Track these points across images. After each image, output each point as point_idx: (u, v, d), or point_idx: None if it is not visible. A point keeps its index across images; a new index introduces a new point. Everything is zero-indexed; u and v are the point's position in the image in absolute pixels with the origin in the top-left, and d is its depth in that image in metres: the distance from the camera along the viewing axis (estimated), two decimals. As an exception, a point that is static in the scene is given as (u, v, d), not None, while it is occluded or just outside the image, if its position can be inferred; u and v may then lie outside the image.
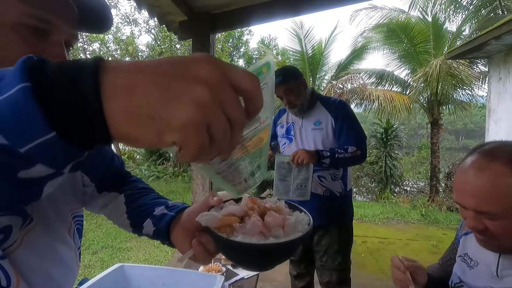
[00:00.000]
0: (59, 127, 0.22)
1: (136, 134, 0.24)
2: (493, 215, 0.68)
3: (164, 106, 0.23)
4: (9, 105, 0.21)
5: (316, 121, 1.80)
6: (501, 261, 0.76)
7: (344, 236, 1.83)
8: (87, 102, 0.22)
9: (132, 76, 0.23)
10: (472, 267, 0.82)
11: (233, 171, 0.38)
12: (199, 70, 0.24)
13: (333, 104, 1.81)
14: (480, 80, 6.96)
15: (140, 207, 0.63)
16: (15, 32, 0.43)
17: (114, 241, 4.39)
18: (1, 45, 0.42)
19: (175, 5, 2.29)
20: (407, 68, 8.23)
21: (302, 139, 1.83)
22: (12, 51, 0.42)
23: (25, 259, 0.50)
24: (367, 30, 8.45)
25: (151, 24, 9.60)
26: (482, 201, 0.68)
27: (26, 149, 0.22)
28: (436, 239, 4.47)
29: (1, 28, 0.42)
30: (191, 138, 0.24)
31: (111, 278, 1.05)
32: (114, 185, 0.68)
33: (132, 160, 12.28)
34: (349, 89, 8.13)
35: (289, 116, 1.93)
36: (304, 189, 1.71)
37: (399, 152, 8.19)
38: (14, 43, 0.43)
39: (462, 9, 7.14)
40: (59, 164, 0.25)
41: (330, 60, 9.64)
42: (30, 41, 0.44)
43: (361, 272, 3.05)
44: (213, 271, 1.58)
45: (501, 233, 0.69)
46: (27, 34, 0.44)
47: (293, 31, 8.94)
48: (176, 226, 0.57)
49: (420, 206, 6.43)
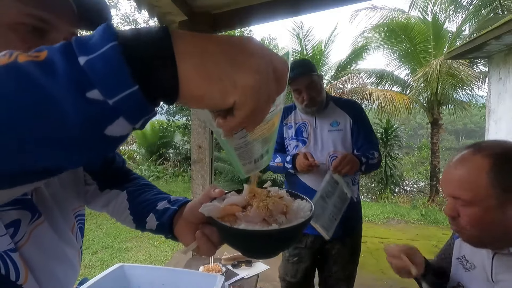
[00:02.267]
0: (140, 81, 0.25)
1: (205, 92, 0.28)
2: (465, 201, 0.72)
3: (233, 70, 0.28)
4: (103, 61, 0.24)
5: (333, 121, 1.65)
6: (494, 263, 0.75)
7: (357, 244, 1.75)
8: (164, 60, 0.26)
9: (200, 43, 0.28)
10: (468, 270, 0.82)
11: (248, 150, 0.40)
12: (255, 48, 0.30)
13: (349, 105, 1.69)
14: (480, 80, 6.96)
15: (143, 203, 0.64)
16: (14, 31, 0.43)
17: (114, 241, 4.39)
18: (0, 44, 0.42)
19: (175, 5, 2.29)
20: (407, 68, 8.23)
21: (318, 141, 1.65)
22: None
23: (32, 255, 0.50)
24: (367, 30, 8.45)
25: (151, 24, 9.60)
26: (457, 187, 0.73)
27: (114, 101, 0.25)
28: (436, 239, 4.47)
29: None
30: (250, 99, 0.29)
31: (111, 278, 1.05)
32: (115, 183, 0.69)
33: (132, 160, 12.27)
34: (349, 89, 8.13)
35: (297, 115, 1.73)
36: (331, 222, 1.47)
37: (399, 152, 8.19)
38: (13, 42, 0.43)
39: (462, 9, 7.14)
40: (135, 118, 0.27)
41: (330, 60, 9.66)
42: (29, 40, 0.44)
43: (361, 272, 3.04)
44: (213, 271, 1.58)
45: (469, 222, 0.72)
46: (26, 33, 0.44)
47: (293, 31, 8.95)
48: (179, 219, 0.57)
49: (420, 206, 6.43)
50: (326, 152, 1.63)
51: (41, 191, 0.56)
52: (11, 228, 0.48)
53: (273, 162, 1.69)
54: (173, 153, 11.29)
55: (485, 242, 0.74)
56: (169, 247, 4.10)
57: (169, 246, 4.12)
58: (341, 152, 1.59)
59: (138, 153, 12.23)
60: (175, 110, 11.45)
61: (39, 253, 0.52)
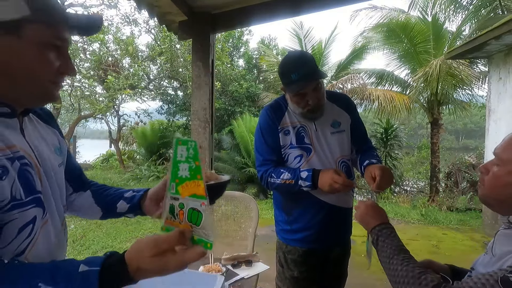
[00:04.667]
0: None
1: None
2: (500, 160, 0.74)
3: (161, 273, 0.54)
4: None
5: (334, 122, 1.43)
6: (496, 238, 0.77)
7: (349, 251, 1.61)
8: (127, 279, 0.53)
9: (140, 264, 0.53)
10: (485, 254, 0.82)
11: None
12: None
13: (344, 101, 1.51)
14: (480, 80, 6.95)
15: (109, 196, 0.88)
16: (45, 49, 0.60)
17: (114, 241, 4.39)
18: (31, 58, 0.58)
19: (175, 5, 2.29)
20: (407, 68, 8.22)
21: (324, 147, 1.40)
22: (39, 63, 0.60)
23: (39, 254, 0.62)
24: (367, 30, 8.43)
25: (151, 24, 9.58)
26: (504, 147, 0.75)
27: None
28: (436, 239, 4.47)
29: (34, 45, 0.58)
30: None
31: (111, 278, 1.05)
32: (79, 187, 0.88)
33: (132, 160, 12.27)
34: (349, 89, 8.13)
35: (291, 117, 1.43)
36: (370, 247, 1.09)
37: (399, 152, 8.18)
38: (41, 57, 0.60)
39: (462, 9, 7.13)
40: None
41: (330, 60, 9.66)
42: (51, 55, 0.61)
43: (361, 272, 3.05)
44: (213, 271, 1.58)
45: (491, 177, 0.75)
46: (50, 51, 0.61)
47: (293, 31, 8.95)
48: (145, 199, 0.83)
49: (420, 206, 6.43)
50: (334, 158, 1.41)
51: (45, 190, 0.65)
52: (30, 225, 0.59)
53: (278, 179, 1.37)
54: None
55: (491, 203, 0.78)
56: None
57: (169, 246, 4.12)
58: (349, 155, 1.45)
59: (138, 153, 12.22)
60: (175, 110, 11.45)
61: (45, 251, 0.63)
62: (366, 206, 1.01)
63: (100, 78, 8.52)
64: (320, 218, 1.43)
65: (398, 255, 0.81)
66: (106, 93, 8.12)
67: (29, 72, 0.59)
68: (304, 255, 1.48)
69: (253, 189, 7.03)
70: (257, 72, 11.63)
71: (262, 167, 1.44)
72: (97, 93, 9.05)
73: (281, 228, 1.54)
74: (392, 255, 0.82)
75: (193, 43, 2.61)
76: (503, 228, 0.77)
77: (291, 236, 1.50)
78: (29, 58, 0.58)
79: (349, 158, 1.48)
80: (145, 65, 9.47)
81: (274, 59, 9.44)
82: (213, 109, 2.69)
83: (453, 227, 5.15)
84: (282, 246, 1.55)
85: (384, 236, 0.89)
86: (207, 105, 2.61)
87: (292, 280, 1.51)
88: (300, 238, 1.48)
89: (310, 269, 1.49)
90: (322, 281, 1.51)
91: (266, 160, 1.44)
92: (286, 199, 1.49)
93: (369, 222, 0.97)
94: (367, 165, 1.37)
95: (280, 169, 1.39)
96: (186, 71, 9.16)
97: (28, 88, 0.60)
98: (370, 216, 0.98)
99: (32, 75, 0.59)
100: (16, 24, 0.55)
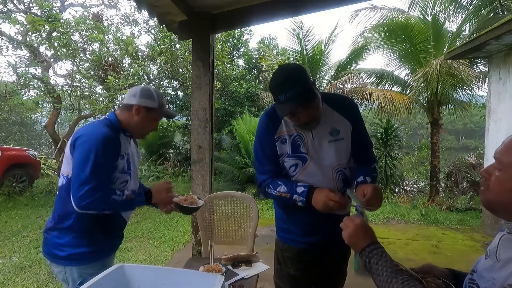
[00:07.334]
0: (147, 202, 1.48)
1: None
2: (502, 164, 0.74)
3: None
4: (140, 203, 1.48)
5: (332, 129, 1.36)
6: (500, 242, 0.76)
7: (349, 251, 1.55)
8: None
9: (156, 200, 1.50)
10: (487, 258, 0.82)
11: None
12: None
13: (345, 105, 1.43)
14: (480, 80, 6.95)
15: None
16: (153, 120, 1.50)
17: (114, 241, 4.38)
18: (149, 123, 1.48)
19: (175, 5, 2.29)
20: (407, 68, 8.21)
21: (320, 156, 1.36)
22: (149, 125, 1.49)
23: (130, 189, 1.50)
24: (367, 30, 8.43)
25: (151, 24, 9.58)
26: (505, 150, 0.75)
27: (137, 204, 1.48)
28: (436, 239, 4.47)
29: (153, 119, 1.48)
30: None
31: (111, 278, 1.05)
32: None
33: (132, 160, 12.21)
34: (349, 89, 8.12)
35: (288, 125, 1.38)
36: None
37: (399, 152, 8.17)
38: (151, 123, 1.50)
39: (462, 9, 7.13)
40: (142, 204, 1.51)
41: (330, 60, 9.64)
42: (154, 124, 1.52)
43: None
44: (213, 271, 1.58)
45: (493, 182, 0.74)
46: (155, 121, 1.51)
47: (293, 31, 8.94)
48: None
49: (420, 206, 6.43)
50: (330, 168, 1.36)
51: (134, 170, 1.50)
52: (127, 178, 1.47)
53: (274, 191, 1.37)
54: (173, 153, 11.29)
55: (495, 208, 0.77)
56: (169, 247, 4.10)
57: (169, 246, 4.12)
58: (346, 164, 1.40)
59: (138, 153, 12.19)
60: (175, 110, 11.43)
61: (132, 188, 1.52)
62: (355, 226, 0.95)
63: (100, 78, 8.51)
64: (316, 222, 1.43)
65: (396, 278, 0.80)
66: (106, 93, 8.11)
67: (144, 128, 1.49)
68: (300, 253, 1.49)
69: (253, 189, 7.03)
70: (257, 72, 11.62)
71: (261, 176, 1.45)
72: (97, 93, 9.04)
73: (279, 226, 1.57)
74: (391, 279, 0.80)
75: (193, 43, 2.61)
76: (507, 233, 0.76)
77: (287, 235, 1.52)
78: (148, 122, 1.47)
79: (346, 167, 1.41)
80: (145, 65, 9.46)
81: (274, 59, 9.45)
82: (213, 109, 2.69)
83: (453, 227, 5.15)
84: (279, 244, 1.57)
85: (376, 258, 0.87)
86: (207, 105, 2.61)
87: (289, 278, 1.52)
88: (295, 238, 1.50)
89: (306, 268, 1.49)
90: (320, 280, 1.51)
91: (265, 169, 1.44)
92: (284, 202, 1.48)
93: (357, 243, 0.93)
94: (360, 183, 1.36)
95: (278, 180, 1.37)
96: (186, 71, 9.14)
97: (140, 133, 1.51)
98: (358, 237, 0.94)
99: (144, 130, 1.50)
100: (151, 109, 1.44)
